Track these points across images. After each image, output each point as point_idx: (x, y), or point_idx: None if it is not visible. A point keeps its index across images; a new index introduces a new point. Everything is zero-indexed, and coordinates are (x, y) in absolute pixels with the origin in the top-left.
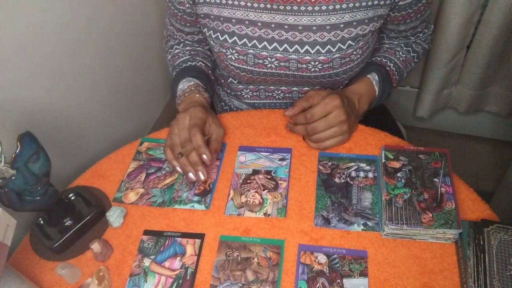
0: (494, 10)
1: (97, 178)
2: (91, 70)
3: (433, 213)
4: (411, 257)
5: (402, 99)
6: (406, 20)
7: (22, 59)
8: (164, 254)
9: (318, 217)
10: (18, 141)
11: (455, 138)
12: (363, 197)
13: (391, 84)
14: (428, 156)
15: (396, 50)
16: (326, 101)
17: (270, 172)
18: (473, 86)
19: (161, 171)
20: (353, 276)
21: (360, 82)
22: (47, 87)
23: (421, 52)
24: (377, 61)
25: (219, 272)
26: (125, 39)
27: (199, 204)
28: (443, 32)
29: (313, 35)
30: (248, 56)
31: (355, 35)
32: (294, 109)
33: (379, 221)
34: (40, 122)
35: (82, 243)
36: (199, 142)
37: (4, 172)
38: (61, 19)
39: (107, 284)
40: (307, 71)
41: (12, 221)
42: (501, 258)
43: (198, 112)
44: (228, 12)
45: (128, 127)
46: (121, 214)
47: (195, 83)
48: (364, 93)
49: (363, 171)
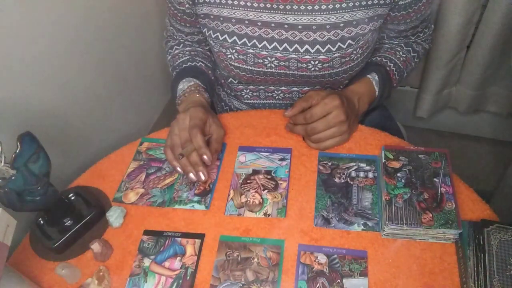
0: (494, 10)
1: (97, 178)
2: (91, 70)
3: (433, 213)
4: (411, 257)
5: (402, 99)
6: (406, 20)
7: (22, 59)
8: (164, 254)
9: (318, 217)
10: (18, 141)
11: (455, 138)
12: (363, 197)
13: (391, 84)
14: (428, 156)
15: (397, 50)
16: (326, 101)
17: (270, 172)
18: (473, 86)
19: (161, 171)
20: (353, 276)
21: (360, 82)
22: (47, 87)
23: (421, 52)
24: (377, 61)
25: (219, 272)
26: (125, 39)
27: (199, 204)
28: (443, 32)
29: (313, 34)
30: (248, 56)
31: (355, 35)
32: (293, 109)
33: (379, 221)
34: (40, 122)
35: (82, 243)
36: (199, 142)
37: (4, 172)
38: (61, 19)
39: (107, 284)
40: (307, 71)
41: (12, 221)
42: (501, 258)
43: (199, 112)
44: (227, 12)
45: (128, 127)
46: (121, 214)
47: (195, 83)
48: (364, 93)
49: (363, 171)
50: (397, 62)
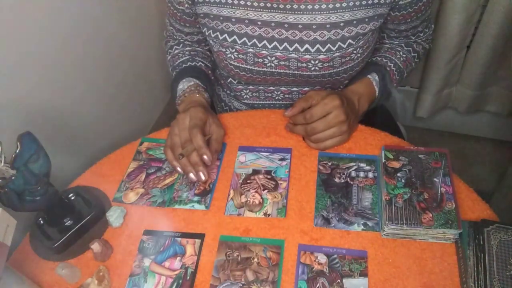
0: (494, 10)
1: (97, 178)
2: (92, 70)
3: (433, 213)
4: (411, 257)
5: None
6: (407, 19)
7: (22, 59)
8: (164, 254)
9: (318, 217)
10: (18, 141)
11: (455, 138)
12: (363, 197)
13: (392, 84)
14: (428, 156)
15: (397, 50)
16: (326, 101)
17: (270, 172)
18: (473, 86)
19: (161, 171)
20: (353, 276)
21: (360, 82)
22: (47, 87)
23: (421, 52)
24: (378, 61)
25: (219, 272)
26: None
27: (199, 204)
28: (443, 32)
29: (313, 33)
30: (247, 55)
31: (355, 34)
32: (293, 109)
33: (379, 221)
34: (40, 122)
35: (82, 243)
36: (199, 142)
37: (4, 172)
38: (61, 19)
39: (107, 284)
40: (307, 70)
41: (12, 221)
42: (501, 258)
43: (198, 112)
44: (227, 11)
45: (128, 127)
46: (121, 214)
47: (195, 83)
48: (364, 93)
49: (363, 171)
50: (397, 62)
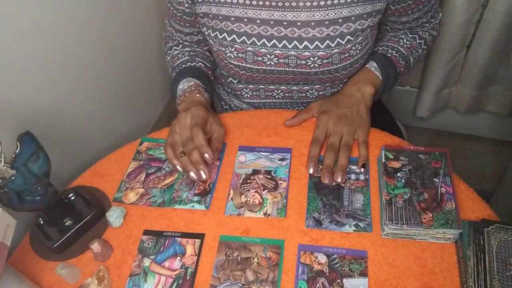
0: (494, 10)
1: (97, 178)
2: (91, 70)
3: (433, 213)
4: (411, 257)
5: (402, 99)
6: (407, 11)
7: (22, 59)
8: (164, 254)
9: (310, 218)
10: (18, 141)
11: (455, 138)
12: (355, 199)
13: (395, 67)
14: (428, 156)
15: (400, 38)
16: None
17: (270, 172)
18: (473, 86)
19: (161, 171)
20: (353, 276)
21: (358, 72)
22: (47, 87)
23: (429, 39)
24: (376, 50)
25: (219, 272)
26: (125, 39)
27: (199, 204)
28: (443, 31)
29: (312, 30)
30: (247, 54)
31: (354, 30)
32: (294, 120)
33: (370, 222)
34: (40, 122)
35: (82, 243)
36: (201, 141)
37: (4, 172)
38: (61, 19)
39: (107, 284)
40: (306, 67)
41: (12, 221)
42: (501, 258)
43: (200, 111)
44: (226, 10)
45: (128, 127)
46: (121, 214)
47: (195, 83)
48: (360, 79)
49: (354, 173)
50: (400, 49)
